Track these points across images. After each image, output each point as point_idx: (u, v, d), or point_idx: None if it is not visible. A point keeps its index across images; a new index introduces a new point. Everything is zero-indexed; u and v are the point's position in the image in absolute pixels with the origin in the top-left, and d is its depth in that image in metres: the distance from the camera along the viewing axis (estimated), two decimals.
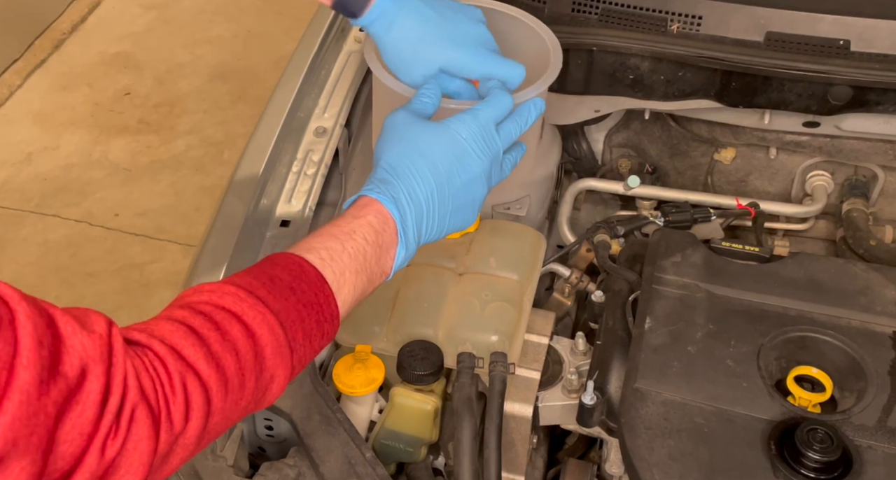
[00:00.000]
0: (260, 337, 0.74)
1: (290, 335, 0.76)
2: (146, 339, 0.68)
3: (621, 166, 1.52)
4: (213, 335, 0.71)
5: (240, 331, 0.73)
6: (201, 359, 0.69)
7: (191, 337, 0.70)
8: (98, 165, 3.03)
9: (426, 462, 1.11)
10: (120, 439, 0.62)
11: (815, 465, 0.88)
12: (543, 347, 1.13)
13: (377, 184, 0.88)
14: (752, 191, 1.47)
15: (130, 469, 0.63)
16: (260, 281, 0.77)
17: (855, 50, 1.21)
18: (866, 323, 1.03)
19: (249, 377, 0.73)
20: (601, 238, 1.27)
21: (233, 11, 3.70)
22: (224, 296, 0.74)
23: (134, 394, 0.63)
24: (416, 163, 0.88)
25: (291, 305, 0.77)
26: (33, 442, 0.56)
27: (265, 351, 0.74)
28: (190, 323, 0.71)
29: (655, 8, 1.27)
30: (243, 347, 0.72)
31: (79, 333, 0.61)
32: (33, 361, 0.56)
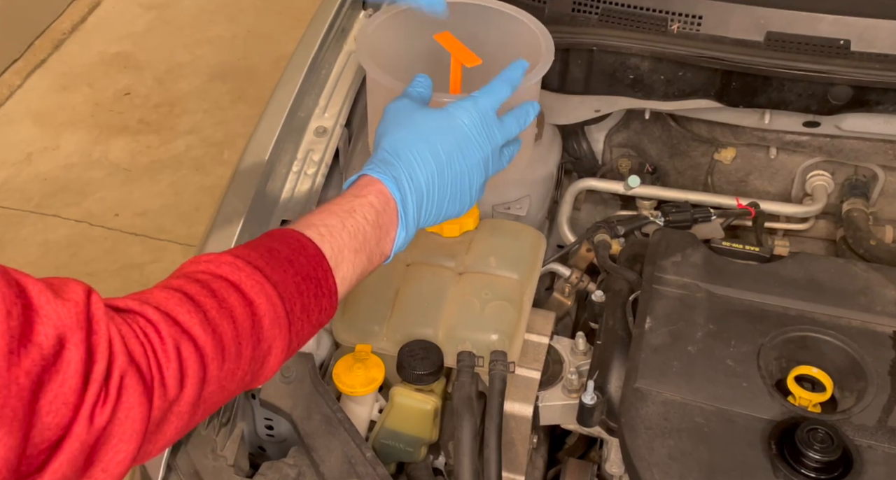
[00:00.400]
0: (258, 306, 0.73)
1: (288, 306, 0.75)
2: (139, 306, 0.67)
3: (621, 166, 1.52)
4: (209, 302, 0.70)
5: (237, 300, 0.72)
6: (197, 325, 0.68)
7: (186, 303, 0.69)
8: (98, 165, 3.03)
9: (426, 462, 1.11)
10: (109, 407, 0.61)
11: (816, 465, 0.88)
12: (543, 347, 1.13)
13: (378, 165, 0.87)
14: (752, 191, 1.47)
15: (124, 437, 0.62)
16: (258, 253, 0.77)
17: (855, 50, 1.22)
18: (866, 323, 1.03)
19: (246, 346, 0.72)
20: (601, 238, 1.27)
21: (233, 11, 3.70)
22: (221, 266, 0.74)
23: (122, 361, 0.62)
24: (418, 146, 0.88)
25: (289, 277, 0.76)
26: (7, 414, 0.55)
27: (263, 321, 0.73)
28: (186, 290, 0.70)
29: (655, 8, 1.27)
30: (241, 315, 0.72)
31: (52, 302, 0.60)
32: (2, 332, 0.55)
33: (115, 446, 0.62)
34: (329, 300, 0.81)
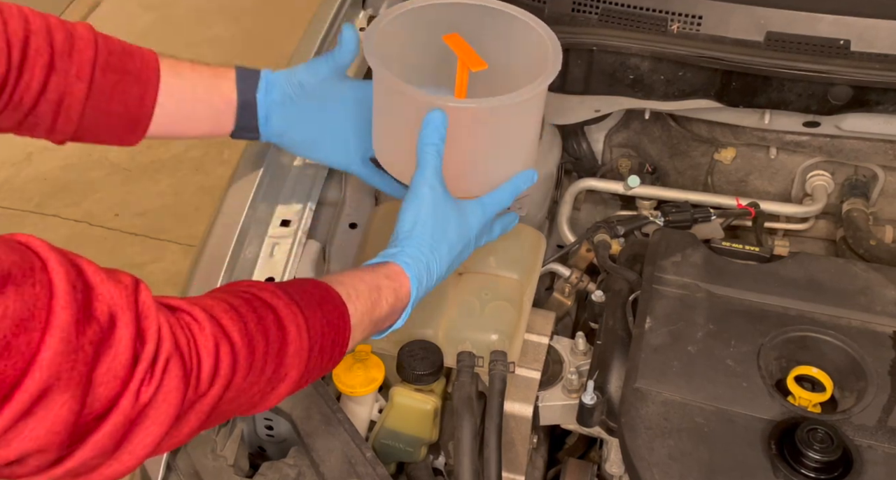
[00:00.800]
0: (289, 332, 0.78)
1: (312, 342, 0.80)
2: (188, 305, 0.72)
3: (621, 166, 1.52)
4: (250, 315, 0.75)
5: (273, 321, 0.77)
6: (236, 331, 0.72)
7: (230, 311, 0.74)
8: (98, 165, 3.03)
9: (426, 462, 1.11)
10: (153, 386, 0.65)
11: (816, 465, 0.88)
12: (543, 347, 1.13)
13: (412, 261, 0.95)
14: (752, 191, 1.47)
15: (157, 420, 0.66)
16: (293, 289, 0.82)
17: (855, 50, 1.22)
18: (866, 323, 1.03)
19: (270, 364, 0.77)
20: (601, 238, 1.27)
21: (233, 11, 3.70)
22: (263, 290, 0.80)
23: (168, 346, 0.66)
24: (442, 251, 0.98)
25: (317, 317, 0.82)
26: (74, 378, 0.59)
27: (289, 348, 0.78)
28: (230, 301, 0.76)
29: (655, 8, 1.27)
30: (273, 336, 0.76)
31: (106, 282, 0.64)
32: (69, 302, 0.59)
33: (148, 428, 0.66)
34: (340, 350, 0.86)
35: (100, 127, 1.02)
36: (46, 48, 0.94)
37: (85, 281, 0.63)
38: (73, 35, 0.97)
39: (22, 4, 0.95)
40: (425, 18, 1.10)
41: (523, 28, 1.10)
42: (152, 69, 1.03)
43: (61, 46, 0.95)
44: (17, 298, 0.57)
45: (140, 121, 1.03)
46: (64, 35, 0.96)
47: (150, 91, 1.02)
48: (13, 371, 0.56)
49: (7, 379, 0.56)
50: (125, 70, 1.00)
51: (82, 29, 0.99)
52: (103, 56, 0.99)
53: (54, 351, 0.58)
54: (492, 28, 1.11)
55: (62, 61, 0.95)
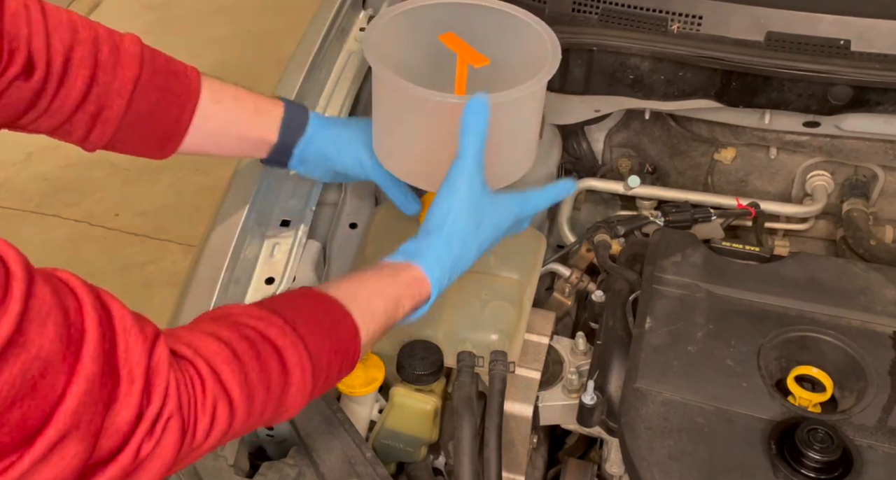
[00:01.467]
0: (292, 376, 0.77)
1: (317, 378, 0.80)
2: (192, 355, 0.71)
3: (621, 166, 1.52)
4: (253, 364, 0.74)
5: (276, 368, 0.76)
6: (236, 386, 0.72)
7: (233, 362, 0.72)
8: (98, 165, 3.03)
9: (426, 462, 1.11)
10: (152, 443, 0.65)
11: (816, 465, 0.88)
12: (543, 347, 1.13)
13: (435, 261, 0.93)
14: (752, 191, 1.47)
15: (151, 471, 0.66)
16: (304, 320, 0.80)
17: (855, 50, 1.21)
18: (866, 323, 1.03)
19: (270, 408, 0.77)
20: (601, 238, 1.27)
21: (233, 11, 3.70)
22: (271, 327, 0.78)
23: (172, 405, 0.66)
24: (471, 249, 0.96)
25: (325, 351, 0.81)
26: (90, 429, 0.60)
27: (291, 389, 0.78)
28: (234, 347, 0.74)
29: (656, 8, 1.27)
30: (275, 383, 0.76)
31: (130, 332, 0.64)
32: (98, 354, 0.60)
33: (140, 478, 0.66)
34: (347, 371, 0.87)
35: (132, 141, 1.02)
36: (90, 60, 0.94)
37: (112, 329, 0.63)
38: (120, 49, 0.97)
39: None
40: (424, 18, 1.10)
41: (522, 26, 1.10)
42: (193, 91, 1.03)
43: (105, 60, 0.95)
44: (55, 339, 0.57)
45: (173, 140, 1.04)
46: (110, 48, 0.96)
47: (187, 113, 1.03)
48: (37, 414, 0.56)
49: (30, 423, 0.56)
50: (167, 89, 1.01)
51: (130, 43, 0.98)
52: (147, 74, 0.99)
53: (78, 401, 0.58)
54: (490, 27, 1.11)
55: (105, 74, 0.95)
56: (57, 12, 0.94)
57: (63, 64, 0.92)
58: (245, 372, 0.73)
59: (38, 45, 0.89)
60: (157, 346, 0.66)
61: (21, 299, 0.55)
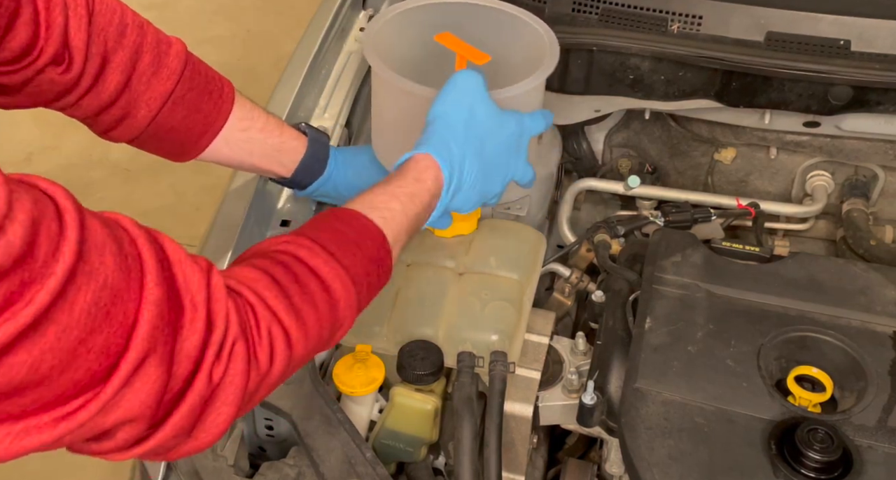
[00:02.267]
0: (334, 291, 0.78)
1: (358, 289, 0.81)
2: (236, 285, 0.72)
3: (621, 166, 1.52)
4: (293, 287, 0.75)
5: (317, 286, 0.77)
6: (283, 310, 0.73)
7: (274, 288, 0.74)
8: (98, 165, 3.03)
9: (426, 462, 1.11)
10: (222, 367, 0.67)
11: (816, 465, 0.88)
12: (543, 347, 1.13)
13: (441, 147, 0.92)
14: (752, 191, 1.47)
15: (227, 401, 0.68)
16: (328, 236, 0.81)
17: (855, 50, 1.21)
18: (866, 323, 1.03)
19: (325, 326, 0.78)
20: (601, 238, 1.27)
21: (233, 11, 3.70)
22: (300, 249, 0.78)
23: (235, 329, 0.68)
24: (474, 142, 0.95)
25: (358, 261, 0.82)
26: (165, 353, 0.62)
27: (339, 305, 0.79)
28: (272, 273, 0.75)
29: (656, 8, 1.27)
30: (321, 301, 0.77)
31: (185, 263, 0.66)
32: (161, 279, 0.62)
33: (219, 408, 0.67)
34: (386, 277, 0.87)
35: (152, 145, 1.04)
36: (128, 66, 0.95)
37: (168, 260, 0.65)
38: (160, 62, 0.98)
39: None
40: (423, 17, 1.10)
41: (520, 25, 1.10)
42: (223, 113, 1.04)
43: (143, 69, 0.96)
44: (115, 268, 0.59)
45: (191, 153, 1.06)
46: (151, 58, 0.97)
47: (210, 134, 1.04)
48: (117, 341, 0.58)
49: (113, 348, 0.58)
50: (196, 108, 1.02)
51: (174, 56, 0.99)
52: (181, 91, 0.99)
53: (151, 325, 0.60)
54: (489, 26, 1.11)
55: (140, 84, 0.97)
56: (109, 9, 0.94)
57: (100, 65, 0.93)
58: (288, 296, 0.74)
59: (79, 41, 0.90)
60: (213, 276, 0.68)
61: (77, 228, 0.57)
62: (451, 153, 0.93)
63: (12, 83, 0.89)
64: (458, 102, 0.96)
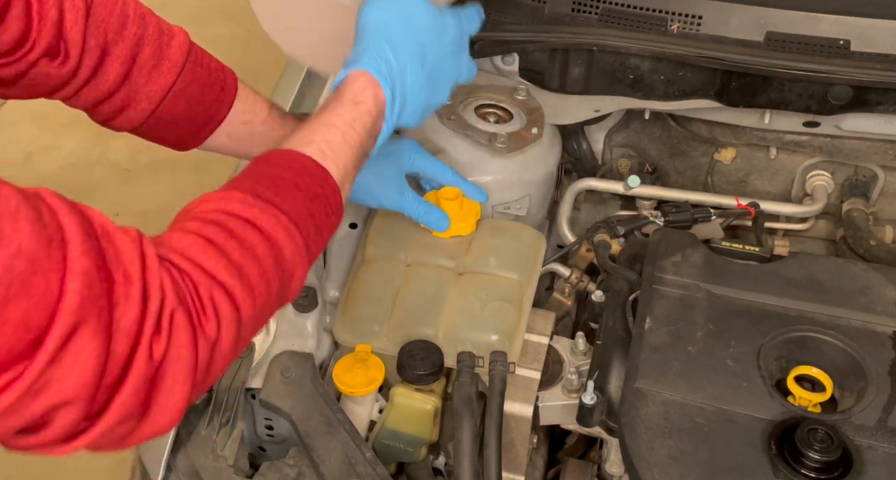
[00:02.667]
0: (277, 239, 0.73)
1: (304, 233, 0.76)
2: (166, 252, 0.68)
3: (621, 166, 1.52)
4: (230, 244, 0.70)
5: (256, 237, 0.72)
6: (223, 270, 0.68)
7: (209, 249, 0.69)
8: (98, 165, 3.04)
9: (426, 462, 1.11)
10: (163, 341, 0.62)
11: (816, 465, 0.88)
12: (543, 347, 1.13)
13: (376, 61, 0.87)
14: (752, 191, 1.46)
15: (178, 378, 0.64)
16: (264, 185, 0.76)
17: (855, 50, 1.21)
18: (866, 323, 1.03)
19: (274, 280, 0.73)
20: (601, 238, 1.27)
21: (233, 11, 3.71)
22: (232, 203, 0.74)
23: (172, 299, 0.64)
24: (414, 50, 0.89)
25: (300, 202, 0.77)
26: (100, 325, 0.58)
27: (284, 253, 0.74)
28: (205, 233, 0.70)
29: (655, 8, 1.27)
30: (262, 252, 0.72)
31: (115, 233, 0.63)
32: (88, 249, 0.58)
33: (171, 387, 0.63)
34: (337, 214, 0.82)
35: (153, 134, 1.03)
36: (128, 58, 0.94)
37: (94, 231, 0.61)
38: (162, 54, 0.97)
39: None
40: None
41: None
42: (225, 104, 1.04)
43: (144, 62, 0.96)
44: (32, 236, 0.55)
45: (194, 141, 1.05)
46: (152, 51, 0.96)
47: (212, 124, 1.04)
48: (40, 314, 0.55)
49: (34, 322, 0.55)
50: (198, 100, 1.01)
51: (176, 47, 0.98)
52: (183, 83, 0.99)
53: (80, 296, 0.56)
54: None
55: (139, 76, 0.96)
56: (110, 2, 0.93)
57: (100, 57, 0.92)
58: (225, 254, 0.69)
59: (75, 34, 0.89)
60: (145, 246, 0.64)
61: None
62: (390, 66, 0.87)
63: (6, 76, 0.88)
64: (392, 4, 0.90)
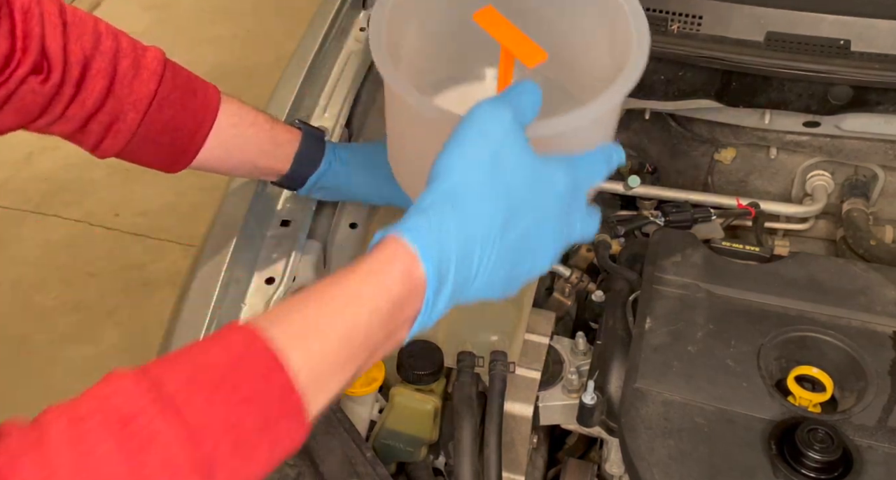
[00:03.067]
0: (149, 452, 0.52)
1: (207, 447, 0.54)
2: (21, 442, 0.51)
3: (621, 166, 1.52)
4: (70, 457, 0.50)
5: (116, 452, 0.51)
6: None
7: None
8: (98, 165, 3.03)
9: (426, 462, 1.11)
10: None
11: (816, 465, 0.88)
12: (543, 347, 1.13)
13: (431, 229, 0.63)
14: (752, 191, 1.47)
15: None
16: (177, 371, 0.56)
17: (855, 50, 1.21)
18: (866, 323, 1.03)
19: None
20: (601, 237, 1.27)
21: (233, 11, 3.70)
22: (117, 394, 0.53)
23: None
24: (493, 214, 0.65)
25: (218, 405, 0.55)
26: None
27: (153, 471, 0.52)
28: (45, 436, 0.51)
29: (655, 7, 1.27)
30: (119, 469, 0.51)
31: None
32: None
33: None
34: (293, 424, 0.59)
35: (143, 154, 1.03)
36: (109, 71, 0.95)
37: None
38: (140, 64, 0.97)
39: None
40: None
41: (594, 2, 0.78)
42: (211, 111, 1.03)
43: (124, 73, 0.96)
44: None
45: (184, 157, 1.04)
46: (130, 62, 0.96)
47: (201, 133, 1.03)
48: None
49: None
50: (183, 107, 1.01)
51: (152, 58, 0.98)
52: (165, 91, 0.99)
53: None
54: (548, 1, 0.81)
55: (122, 87, 0.96)
56: (82, 20, 0.94)
57: (81, 72, 0.92)
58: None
59: (56, 49, 0.89)
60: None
61: None
62: (442, 237, 0.63)
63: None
64: (472, 153, 0.65)
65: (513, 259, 0.68)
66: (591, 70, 0.72)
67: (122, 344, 2.53)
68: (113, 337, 2.55)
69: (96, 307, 2.64)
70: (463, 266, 0.65)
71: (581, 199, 0.74)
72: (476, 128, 0.66)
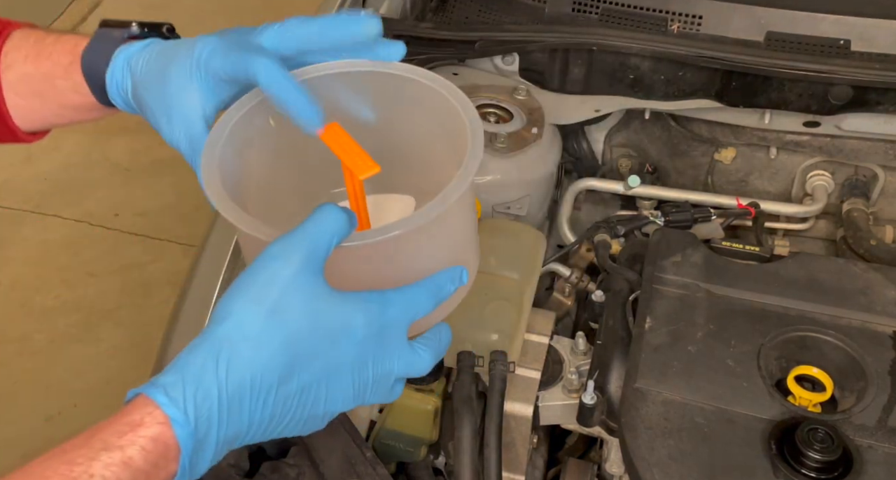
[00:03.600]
0: None
1: None
2: None
3: (621, 166, 1.52)
4: None
5: None
6: None
7: None
8: (98, 165, 3.04)
9: (426, 462, 1.11)
10: None
11: (816, 465, 0.88)
12: (544, 347, 1.13)
13: (184, 384, 0.57)
14: (752, 191, 1.47)
15: None
16: None
17: (855, 50, 1.22)
18: (866, 323, 1.03)
19: None
20: (601, 237, 1.27)
21: (233, 11, 3.71)
22: None
23: None
24: (271, 367, 0.60)
25: None
26: None
27: None
28: None
29: (656, 8, 1.27)
30: None
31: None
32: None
33: None
34: None
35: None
36: None
37: None
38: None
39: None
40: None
41: (433, 99, 0.76)
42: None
43: None
44: None
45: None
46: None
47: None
48: None
49: None
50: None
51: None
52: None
53: None
54: (388, 98, 0.80)
55: None
56: None
57: None
58: None
59: None
60: None
61: None
62: (200, 394, 0.57)
63: None
64: (254, 298, 0.60)
65: (299, 406, 0.63)
66: (440, 178, 0.69)
67: (122, 344, 2.53)
68: (113, 337, 2.55)
69: (96, 307, 2.64)
70: (232, 420, 0.59)
71: (397, 338, 0.68)
72: (264, 272, 0.61)
